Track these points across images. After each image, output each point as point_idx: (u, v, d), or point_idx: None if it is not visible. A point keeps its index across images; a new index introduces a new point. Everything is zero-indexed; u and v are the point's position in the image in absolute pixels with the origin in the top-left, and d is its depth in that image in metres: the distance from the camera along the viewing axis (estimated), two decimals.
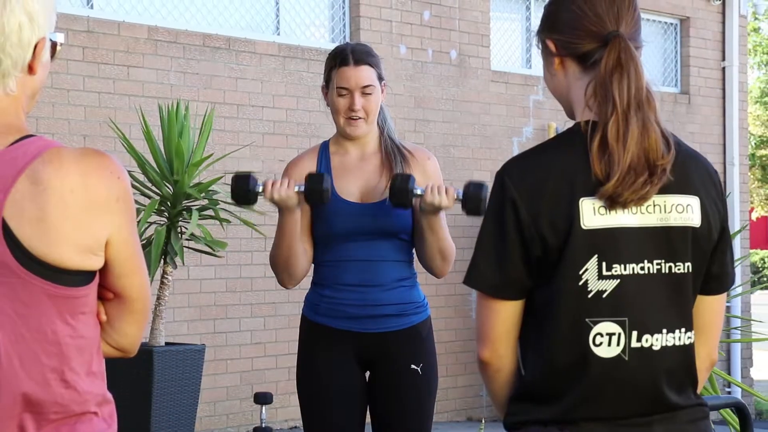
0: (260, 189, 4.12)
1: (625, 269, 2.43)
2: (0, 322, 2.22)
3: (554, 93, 2.62)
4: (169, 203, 7.04)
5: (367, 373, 4.26)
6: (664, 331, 2.47)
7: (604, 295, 2.43)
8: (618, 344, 2.44)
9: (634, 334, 2.44)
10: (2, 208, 2.22)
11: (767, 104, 35.73)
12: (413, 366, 4.19)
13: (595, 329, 2.43)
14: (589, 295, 2.42)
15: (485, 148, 11.08)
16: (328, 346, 4.19)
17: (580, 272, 2.42)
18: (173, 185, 7.05)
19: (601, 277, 2.42)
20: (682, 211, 2.47)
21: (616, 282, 2.43)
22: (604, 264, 2.42)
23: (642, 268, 2.44)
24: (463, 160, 10.89)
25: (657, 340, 2.46)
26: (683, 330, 2.50)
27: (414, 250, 4.26)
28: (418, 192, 4.04)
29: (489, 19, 11.20)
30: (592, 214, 2.42)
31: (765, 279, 34.60)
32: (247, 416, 9.38)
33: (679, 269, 2.47)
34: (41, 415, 2.25)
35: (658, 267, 2.45)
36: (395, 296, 4.17)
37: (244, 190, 4.15)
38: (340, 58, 4.23)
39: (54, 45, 2.38)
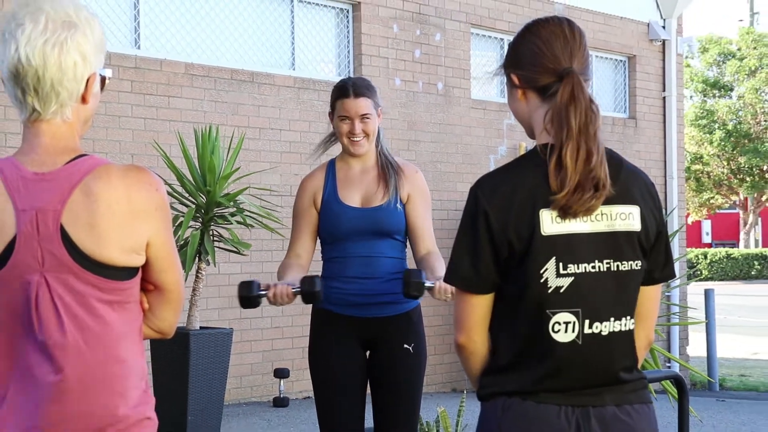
0: (263, 293, 3.98)
1: (578, 268, 2.42)
2: (65, 311, 2.22)
3: (517, 117, 2.60)
4: (203, 210, 7.05)
5: (368, 352, 4.25)
6: (612, 319, 2.46)
7: (561, 290, 2.41)
8: (573, 331, 2.42)
9: (587, 322, 2.43)
10: (60, 215, 2.22)
11: (700, 126, 35.80)
12: (406, 345, 4.18)
13: (554, 318, 2.42)
14: (549, 290, 2.41)
15: (467, 164, 11.10)
16: (334, 329, 4.17)
17: (541, 271, 2.40)
18: (206, 195, 7.05)
19: (558, 275, 2.41)
20: (625, 218, 2.46)
21: (571, 279, 2.41)
22: (561, 264, 2.41)
23: (593, 267, 2.43)
24: (448, 174, 10.90)
25: (606, 327, 2.45)
26: (628, 317, 2.49)
27: (407, 250, 4.26)
28: (428, 285, 3.95)
29: (469, 57, 11.21)
30: (550, 223, 2.40)
31: (699, 272, 34.59)
32: (268, 388, 9.38)
33: (624, 267, 2.46)
34: (107, 387, 2.25)
35: (607, 265, 2.44)
36: (391, 287, 4.14)
37: (248, 297, 3.98)
38: (342, 91, 4.20)
39: (103, 79, 2.38)
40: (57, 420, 2.21)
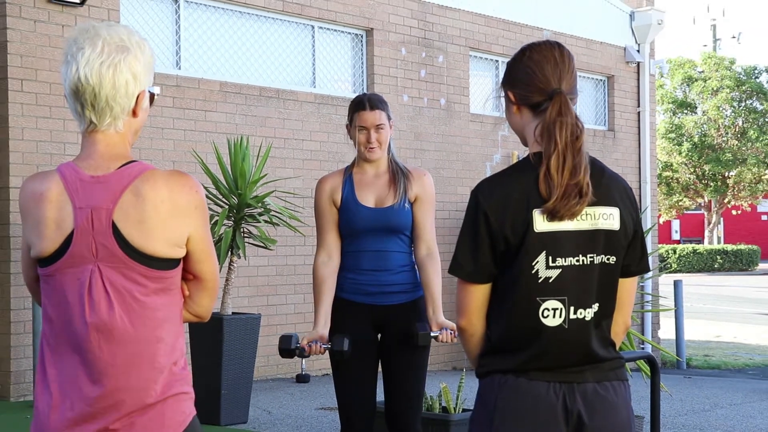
0: (299, 347, 4.09)
1: (565, 261, 2.42)
2: (115, 296, 2.23)
3: (513, 128, 2.61)
4: (235, 210, 7.06)
5: (379, 335, 4.24)
6: (594, 306, 2.45)
7: (550, 281, 2.41)
8: (560, 316, 2.43)
9: (572, 308, 2.43)
10: (112, 213, 2.23)
11: (670, 139, 35.81)
12: (412, 329, 4.17)
13: (544, 305, 2.42)
14: (539, 280, 2.41)
15: (466, 170, 11.09)
16: (350, 315, 4.16)
17: (533, 263, 2.41)
18: (238, 197, 7.06)
19: (548, 267, 2.41)
20: (607, 218, 2.46)
21: (558, 271, 2.42)
22: (550, 258, 2.41)
23: (578, 261, 2.43)
24: (449, 179, 10.89)
25: (589, 313, 2.45)
26: (607, 305, 2.49)
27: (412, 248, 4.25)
28: (434, 335, 4.08)
29: (468, 76, 11.20)
30: (542, 221, 2.41)
31: (669, 266, 34.53)
32: (291, 366, 9.38)
33: (605, 260, 2.46)
34: (150, 364, 2.26)
35: (591, 259, 2.44)
36: (400, 278, 4.14)
37: (288, 350, 4.11)
38: (360, 105, 4.20)
39: (152, 96, 2.39)
40: (104, 394, 2.21)
